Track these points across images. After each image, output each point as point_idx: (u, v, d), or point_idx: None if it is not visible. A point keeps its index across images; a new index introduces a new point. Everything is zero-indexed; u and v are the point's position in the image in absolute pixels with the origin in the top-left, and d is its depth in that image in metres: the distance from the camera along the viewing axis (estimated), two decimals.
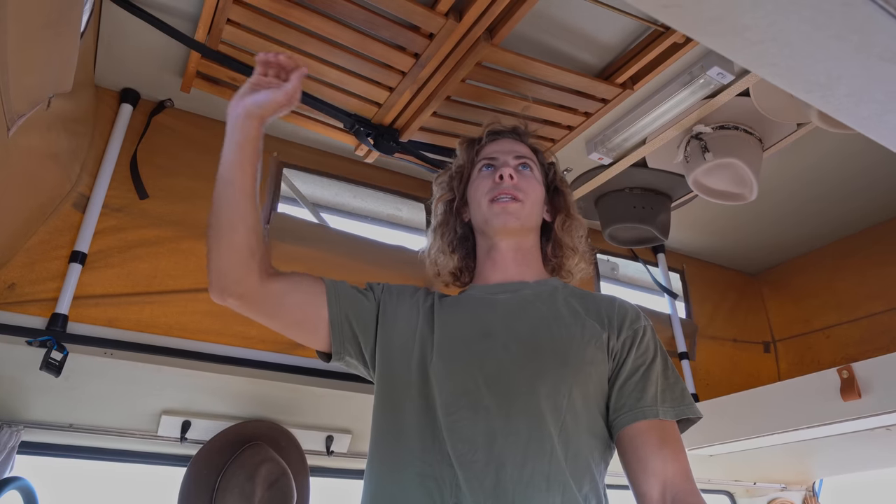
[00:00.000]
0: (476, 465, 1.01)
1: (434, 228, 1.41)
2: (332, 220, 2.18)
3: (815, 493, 3.08)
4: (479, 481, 0.99)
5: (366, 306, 1.24)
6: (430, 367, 1.12)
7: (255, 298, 1.17)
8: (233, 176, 1.15)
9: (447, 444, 1.04)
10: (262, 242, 1.17)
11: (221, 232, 1.14)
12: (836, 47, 0.57)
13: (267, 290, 1.17)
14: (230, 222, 1.13)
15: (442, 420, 1.06)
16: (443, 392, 1.09)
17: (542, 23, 1.56)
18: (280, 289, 1.19)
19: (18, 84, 0.97)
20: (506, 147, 1.37)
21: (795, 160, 2.18)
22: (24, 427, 1.65)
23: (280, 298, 1.19)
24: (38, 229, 1.58)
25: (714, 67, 1.59)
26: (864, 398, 1.80)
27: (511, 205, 1.25)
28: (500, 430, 1.03)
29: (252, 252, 1.14)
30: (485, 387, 1.08)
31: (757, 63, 0.62)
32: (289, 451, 1.85)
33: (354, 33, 1.47)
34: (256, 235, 1.15)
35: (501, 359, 1.11)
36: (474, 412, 1.06)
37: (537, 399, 1.06)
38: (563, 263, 1.35)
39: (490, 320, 1.18)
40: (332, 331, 1.20)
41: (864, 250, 2.67)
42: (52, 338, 1.47)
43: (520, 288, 1.24)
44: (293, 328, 1.24)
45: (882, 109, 0.64)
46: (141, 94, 1.82)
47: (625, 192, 2.26)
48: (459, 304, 1.25)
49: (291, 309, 1.20)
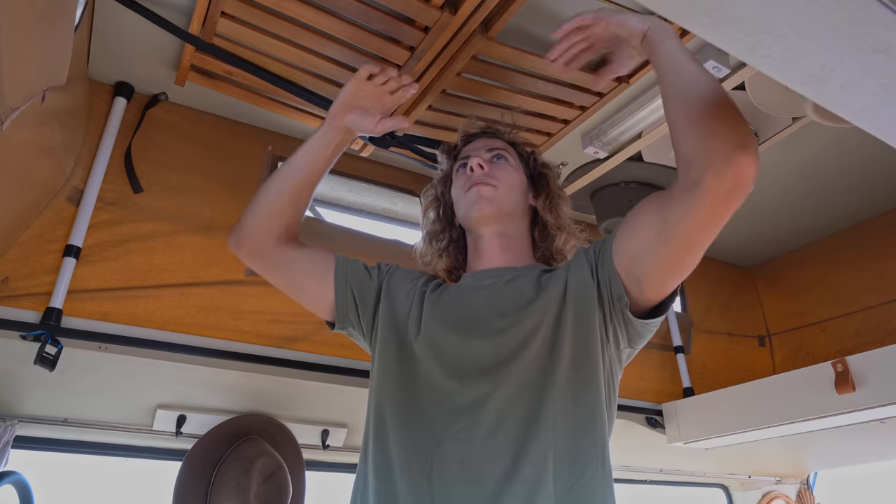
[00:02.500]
0: (457, 440, 1.04)
1: (425, 236, 1.45)
2: (328, 215, 2.18)
3: (809, 487, 3.10)
4: (457, 458, 1.03)
5: (369, 284, 1.30)
6: (415, 345, 1.18)
7: (264, 256, 1.28)
8: (306, 160, 1.29)
9: (434, 423, 1.08)
10: (298, 220, 1.31)
11: (269, 193, 1.28)
12: (830, 38, 0.57)
13: (280, 252, 1.27)
14: (280, 192, 1.27)
15: (427, 401, 1.11)
16: (431, 373, 1.13)
17: (537, 16, 1.56)
18: (292, 256, 1.29)
19: (12, 77, 0.96)
20: (479, 145, 1.41)
21: (791, 154, 2.19)
22: (18, 421, 1.64)
23: (289, 263, 1.29)
24: (32, 223, 1.57)
25: (709, 61, 1.59)
26: (858, 391, 1.81)
27: (483, 188, 1.29)
28: (487, 405, 1.06)
29: (281, 220, 1.27)
30: (465, 371, 1.11)
31: (752, 55, 0.62)
32: (284, 445, 1.85)
33: (349, 26, 1.47)
34: (297, 212, 1.30)
35: (483, 342, 1.14)
36: (461, 392, 1.09)
37: (519, 378, 1.08)
38: (553, 245, 1.36)
39: (474, 305, 1.21)
40: (336, 301, 1.28)
41: (860, 244, 2.68)
42: (46, 332, 1.46)
43: (505, 273, 1.26)
44: (297, 292, 1.33)
45: (877, 101, 0.64)
46: (135, 88, 1.81)
47: (621, 186, 2.26)
48: (450, 290, 1.29)
49: (297, 274, 1.30)
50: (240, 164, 1.94)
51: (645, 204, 1.08)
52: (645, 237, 1.05)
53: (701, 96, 0.98)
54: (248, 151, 1.97)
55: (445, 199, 1.45)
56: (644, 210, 1.07)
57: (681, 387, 2.49)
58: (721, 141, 0.92)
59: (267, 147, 1.99)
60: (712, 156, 0.92)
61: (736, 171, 0.90)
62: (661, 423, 2.39)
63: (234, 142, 1.96)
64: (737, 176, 0.90)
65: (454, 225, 1.43)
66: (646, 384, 2.45)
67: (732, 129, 0.93)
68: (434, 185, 1.50)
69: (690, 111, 0.98)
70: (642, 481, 2.77)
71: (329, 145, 1.31)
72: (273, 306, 1.82)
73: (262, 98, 1.77)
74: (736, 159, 0.90)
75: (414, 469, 1.04)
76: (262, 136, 2.02)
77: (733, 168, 0.90)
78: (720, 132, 0.93)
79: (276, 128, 2.03)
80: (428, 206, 1.47)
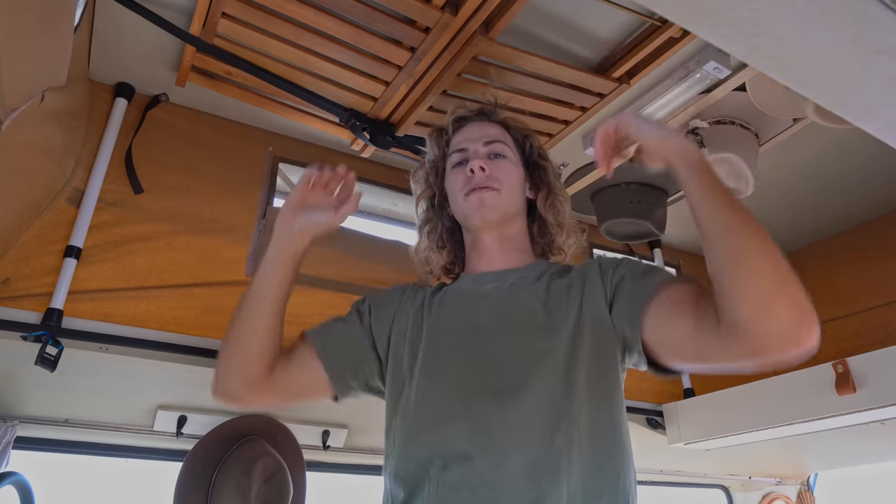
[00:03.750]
0: (472, 461, 0.99)
1: (419, 227, 1.38)
2: None
3: (809, 488, 3.10)
4: (475, 477, 0.98)
5: (359, 342, 1.22)
6: (418, 370, 1.11)
7: (257, 398, 1.17)
8: (269, 291, 1.14)
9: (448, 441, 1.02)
10: (279, 344, 1.16)
11: (241, 337, 1.13)
12: (831, 40, 0.57)
13: (274, 381, 1.16)
14: (252, 329, 1.13)
15: (435, 421, 1.05)
16: (431, 398, 1.08)
17: (538, 17, 1.56)
18: (285, 377, 1.17)
19: (11, 77, 0.96)
20: (474, 133, 1.31)
21: (791, 155, 2.19)
22: (19, 422, 1.64)
23: (287, 385, 1.18)
24: (33, 224, 1.57)
25: (710, 62, 1.59)
26: (858, 392, 1.81)
27: (487, 195, 1.21)
28: (497, 423, 1.01)
29: (264, 354, 1.13)
30: (476, 386, 1.06)
31: (753, 56, 0.62)
32: (285, 445, 1.84)
33: (350, 27, 1.47)
34: (276, 340, 1.15)
35: (489, 354, 1.09)
36: (465, 416, 1.03)
37: (528, 390, 1.03)
38: (553, 241, 1.31)
39: (478, 314, 1.15)
40: (333, 382, 1.19)
41: (861, 245, 2.68)
42: (47, 332, 1.47)
43: (506, 276, 1.21)
44: (302, 398, 1.26)
45: (878, 102, 0.64)
46: (136, 89, 1.81)
47: (621, 187, 2.26)
48: (448, 299, 1.22)
49: (295, 385, 1.20)
50: (241, 165, 1.94)
51: (682, 294, 1.01)
52: (676, 341, 1.00)
53: (745, 258, 0.89)
54: (248, 152, 1.97)
55: (437, 190, 1.36)
56: (682, 308, 0.99)
57: (681, 388, 2.49)
58: (781, 321, 0.85)
59: (268, 148, 1.99)
60: (772, 331, 0.85)
61: (797, 350, 0.85)
62: (662, 424, 2.39)
63: (235, 143, 1.96)
64: (798, 353, 0.85)
65: (447, 215, 1.35)
66: (646, 385, 2.45)
67: (791, 306, 0.85)
68: (425, 170, 1.38)
69: (737, 271, 0.88)
70: (643, 482, 2.73)
71: (285, 263, 1.15)
72: None
73: (263, 99, 1.77)
74: (798, 338, 0.84)
75: (424, 490, 1.02)
76: (262, 136, 2.02)
77: (794, 347, 0.85)
78: (778, 311, 0.85)
79: (277, 129, 2.03)
80: (420, 197, 1.39)
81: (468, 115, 1.36)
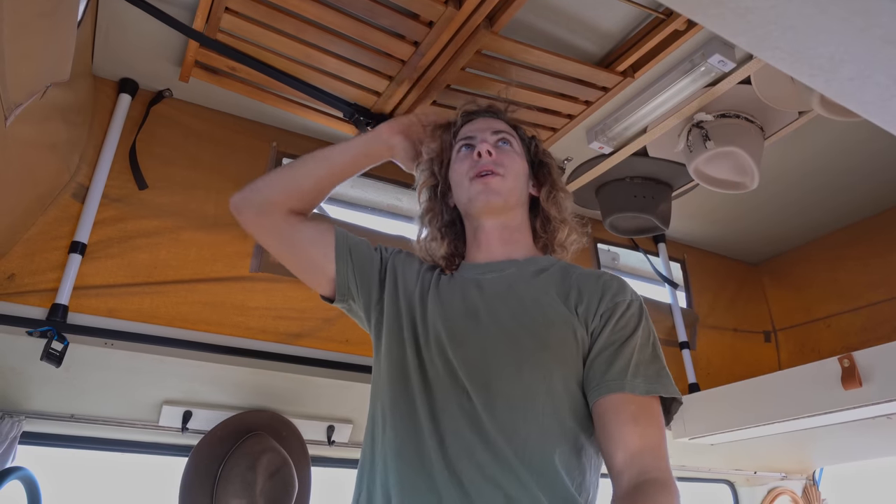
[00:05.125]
0: (458, 442, 1.01)
1: (421, 216, 1.39)
2: (332, 211, 2.17)
3: (815, 482, 3.10)
4: (461, 460, 1.00)
5: (371, 259, 1.31)
6: (422, 346, 1.15)
7: (272, 221, 1.29)
8: (337, 162, 1.35)
9: (439, 422, 1.05)
10: (315, 206, 1.36)
11: (295, 174, 1.33)
12: (839, 30, 0.57)
13: (288, 222, 1.29)
14: (306, 174, 1.33)
15: (425, 400, 1.08)
16: (429, 373, 1.11)
17: (542, 10, 1.55)
18: (299, 225, 1.29)
19: (14, 73, 0.96)
20: (482, 125, 1.34)
21: (797, 149, 2.18)
22: (25, 417, 1.65)
23: (294, 231, 1.29)
24: (38, 220, 1.57)
25: (715, 55, 1.58)
26: (864, 387, 1.81)
27: (492, 180, 1.23)
28: (482, 411, 1.03)
29: (302, 199, 1.31)
30: (466, 371, 1.08)
31: (760, 47, 0.62)
32: (290, 440, 1.85)
33: (353, 21, 1.46)
34: (318, 198, 1.36)
35: (484, 343, 1.10)
36: (456, 395, 1.06)
37: (518, 384, 1.05)
38: (555, 237, 1.32)
39: (476, 302, 1.17)
40: (337, 271, 1.26)
41: (866, 239, 2.67)
42: (52, 328, 1.47)
43: (506, 267, 1.23)
44: (299, 262, 1.32)
45: (886, 93, 0.64)
46: (139, 84, 1.81)
47: (626, 181, 2.25)
48: (451, 284, 1.25)
49: (301, 242, 1.29)
50: (244, 160, 1.94)
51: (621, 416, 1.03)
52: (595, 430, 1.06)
53: None
54: (252, 147, 1.97)
55: (441, 178, 1.38)
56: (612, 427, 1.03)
57: (686, 382, 2.48)
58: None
59: (272, 143, 1.99)
60: None
61: None
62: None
63: (239, 138, 1.96)
64: None
65: (449, 206, 1.37)
66: None
67: None
68: (430, 160, 1.40)
69: None
70: None
71: (368, 154, 1.38)
72: (278, 302, 1.82)
73: (267, 94, 1.77)
74: None
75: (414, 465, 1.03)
76: (266, 132, 2.02)
77: None
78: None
79: (281, 124, 2.03)
80: (423, 186, 1.41)
81: (478, 109, 1.40)
